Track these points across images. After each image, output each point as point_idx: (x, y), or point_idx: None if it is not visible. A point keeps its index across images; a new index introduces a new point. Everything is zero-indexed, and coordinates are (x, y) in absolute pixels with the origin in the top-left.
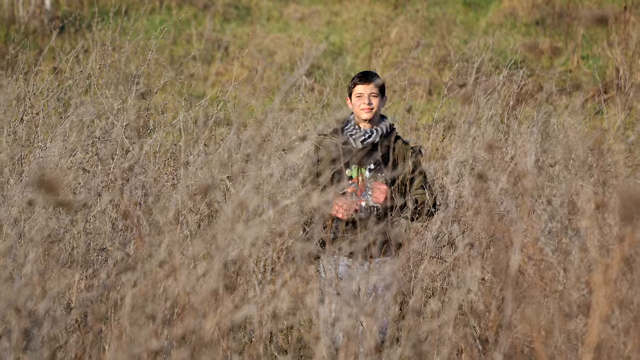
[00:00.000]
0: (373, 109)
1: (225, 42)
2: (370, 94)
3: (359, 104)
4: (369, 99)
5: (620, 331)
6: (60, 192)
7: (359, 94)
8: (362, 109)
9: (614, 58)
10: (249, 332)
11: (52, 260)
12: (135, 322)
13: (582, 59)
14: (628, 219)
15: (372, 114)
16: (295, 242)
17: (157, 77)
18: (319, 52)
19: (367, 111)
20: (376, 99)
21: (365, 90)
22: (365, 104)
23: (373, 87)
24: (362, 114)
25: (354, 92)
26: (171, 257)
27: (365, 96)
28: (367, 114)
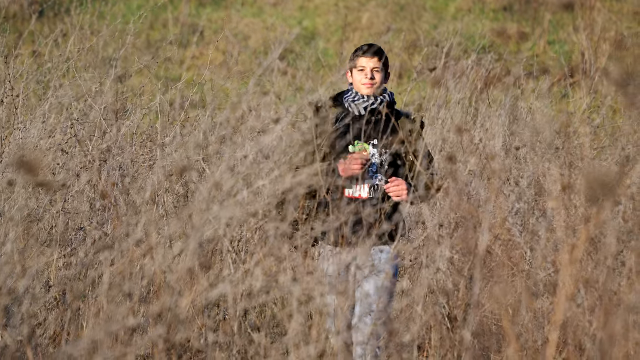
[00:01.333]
0: (375, 84)
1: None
2: (374, 68)
3: (360, 78)
4: (372, 73)
5: (585, 309)
6: (39, 172)
7: (362, 67)
8: (364, 83)
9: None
10: (223, 309)
11: (31, 239)
12: (112, 299)
13: (548, 44)
14: (593, 200)
15: (373, 89)
16: (269, 221)
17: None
18: (292, 36)
19: (368, 86)
20: (379, 74)
21: (369, 63)
22: (368, 78)
23: (377, 61)
24: (362, 88)
25: (357, 65)
26: (148, 236)
27: (368, 70)
28: (368, 89)
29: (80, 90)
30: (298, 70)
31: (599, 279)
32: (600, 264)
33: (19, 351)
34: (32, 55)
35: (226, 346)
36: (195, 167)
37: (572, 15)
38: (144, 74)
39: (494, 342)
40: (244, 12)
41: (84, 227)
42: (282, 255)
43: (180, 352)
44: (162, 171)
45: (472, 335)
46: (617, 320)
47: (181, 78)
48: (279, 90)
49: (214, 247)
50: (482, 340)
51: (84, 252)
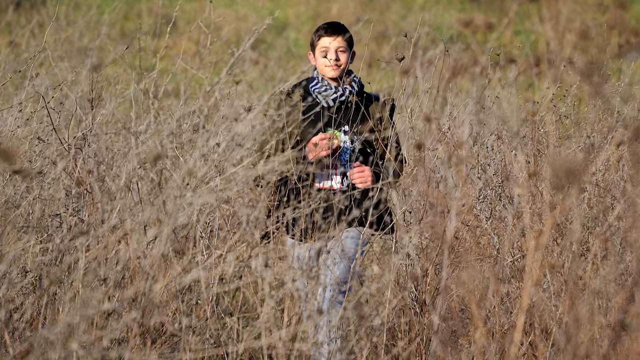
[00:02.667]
0: (340, 65)
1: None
2: (338, 48)
3: (324, 60)
4: (336, 53)
5: (551, 294)
6: (16, 160)
7: (324, 47)
8: (328, 65)
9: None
10: (197, 294)
11: (8, 226)
12: (88, 284)
13: (515, 34)
14: (559, 188)
15: (339, 72)
16: (241, 207)
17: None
18: (264, 27)
19: (333, 68)
20: (344, 54)
21: (332, 43)
22: (332, 59)
23: (341, 41)
24: (327, 71)
25: (319, 46)
26: (122, 222)
27: (332, 51)
28: (333, 72)
29: (57, 80)
30: (270, 60)
31: (564, 265)
32: (566, 249)
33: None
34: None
35: (200, 330)
36: (169, 155)
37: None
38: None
39: (462, 326)
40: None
41: (60, 213)
42: (254, 241)
43: (154, 336)
44: (136, 159)
45: (441, 320)
46: (583, 304)
47: (155, 68)
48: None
49: (187, 233)
50: (450, 325)
51: (60, 238)
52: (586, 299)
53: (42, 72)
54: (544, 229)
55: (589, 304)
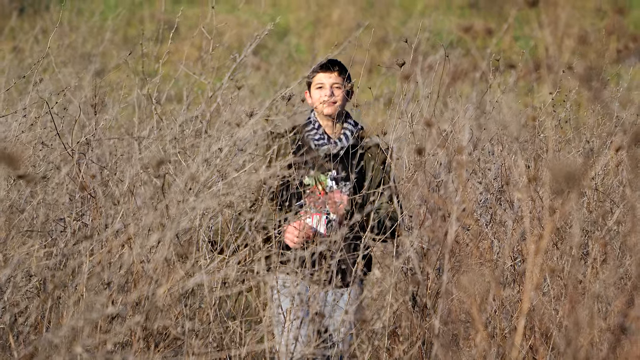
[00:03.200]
0: (336, 102)
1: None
2: (334, 84)
3: (319, 96)
4: (331, 90)
5: (551, 298)
6: (20, 165)
7: (320, 84)
8: (324, 102)
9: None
10: (200, 298)
11: (13, 230)
12: (92, 288)
13: (514, 39)
14: (559, 192)
15: (335, 109)
16: (244, 213)
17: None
18: (265, 32)
19: (328, 105)
20: (339, 90)
21: (328, 80)
22: (327, 95)
23: (337, 77)
24: (322, 108)
25: (314, 83)
26: (126, 227)
27: (327, 87)
28: (328, 108)
29: (60, 85)
30: (271, 65)
31: (564, 269)
32: (566, 253)
33: (1, 338)
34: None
35: (202, 334)
36: (172, 160)
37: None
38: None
39: (463, 330)
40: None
41: (64, 218)
42: (257, 245)
43: (158, 339)
44: (139, 164)
45: (442, 323)
46: (583, 308)
47: (157, 73)
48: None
49: (190, 238)
50: (451, 328)
51: (64, 243)
52: (586, 302)
53: (45, 78)
54: (544, 233)
55: (589, 308)
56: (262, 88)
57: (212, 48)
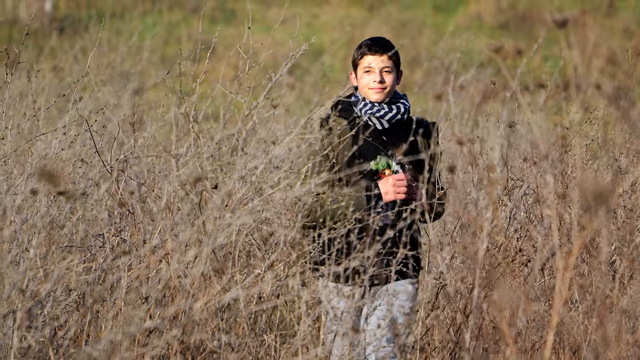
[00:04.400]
0: (386, 88)
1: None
2: (383, 68)
3: (368, 81)
4: (380, 74)
5: (580, 313)
6: (60, 182)
7: (368, 67)
8: (372, 87)
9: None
10: (235, 312)
11: (53, 245)
12: (130, 303)
13: (543, 59)
14: (587, 209)
15: (384, 95)
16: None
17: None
18: (300, 52)
19: (377, 91)
20: (390, 75)
21: (377, 62)
22: (377, 81)
23: (387, 60)
24: (370, 94)
25: (361, 65)
26: (163, 242)
27: (376, 71)
28: (377, 94)
29: (100, 104)
30: (306, 84)
31: (593, 284)
32: (594, 269)
33: (41, 352)
34: (53, 70)
35: (238, 347)
36: (209, 177)
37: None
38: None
39: (493, 344)
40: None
41: (103, 233)
42: (292, 260)
43: (194, 353)
44: (177, 181)
45: (472, 338)
46: (611, 323)
47: (195, 92)
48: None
49: (226, 253)
50: (481, 342)
51: (103, 258)
52: (614, 317)
53: (85, 96)
54: (573, 250)
55: (617, 323)
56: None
57: (248, 68)
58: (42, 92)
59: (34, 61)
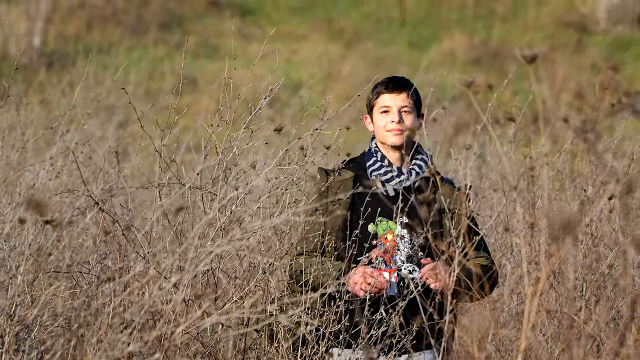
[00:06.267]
0: (405, 130)
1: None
2: (402, 107)
3: (385, 123)
4: (399, 115)
5: (548, 337)
6: (47, 211)
7: (385, 107)
8: (390, 130)
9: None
10: (216, 336)
11: (40, 272)
12: (114, 327)
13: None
14: (555, 238)
15: (403, 138)
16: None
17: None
18: (278, 87)
19: (396, 133)
20: (410, 115)
21: (395, 101)
22: (395, 122)
23: (406, 98)
24: (389, 137)
25: (377, 105)
26: (146, 270)
27: (394, 111)
28: (396, 137)
29: (86, 136)
30: (285, 117)
31: (560, 310)
32: (562, 295)
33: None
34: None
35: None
36: (190, 207)
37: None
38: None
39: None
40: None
41: (88, 261)
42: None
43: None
44: (159, 210)
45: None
46: (577, 347)
47: (177, 124)
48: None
49: (207, 279)
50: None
51: (88, 284)
52: (580, 342)
53: (72, 129)
54: (541, 277)
55: (583, 347)
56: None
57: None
58: (30, 124)
59: (22, 95)
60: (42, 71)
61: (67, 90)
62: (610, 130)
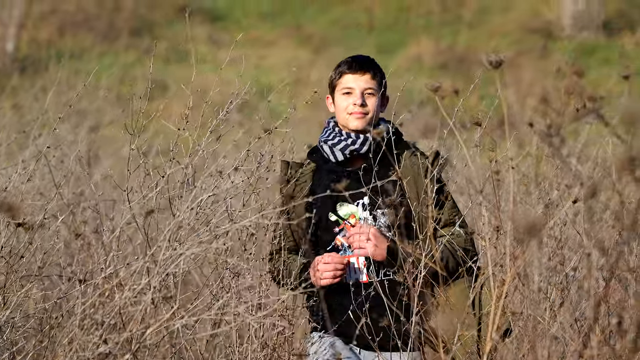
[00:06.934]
0: (367, 113)
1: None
2: (365, 89)
3: (347, 105)
4: (362, 97)
5: (513, 339)
6: (20, 214)
7: (348, 89)
8: (352, 112)
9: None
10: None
11: (12, 274)
12: (84, 329)
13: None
14: (520, 241)
15: (366, 122)
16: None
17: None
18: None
19: (358, 116)
20: (373, 98)
21: (358, 83)
22: (357, 104)
23: (370, 80)
24: (350, 120)
25: (340, 86)
26: (117, 272)
27: (357, 93)
28: (358, 121)
29: (58, 140)
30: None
31: (525, 312)
32: (526, 297)
33: None
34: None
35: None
36: (160, 209)
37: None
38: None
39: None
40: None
41: (59, 263)
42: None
43: None
44: (129, 213)
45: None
46: (541, 348)
47: (147, 129)
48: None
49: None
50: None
51: (60, 286)
52: (545, 343)
53: (44, 133)
54: (506, 279)
55: (547, 348)
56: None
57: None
58: (3, 128)
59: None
60: (15, 76)
61: (39, 94)
62: (574, 135)
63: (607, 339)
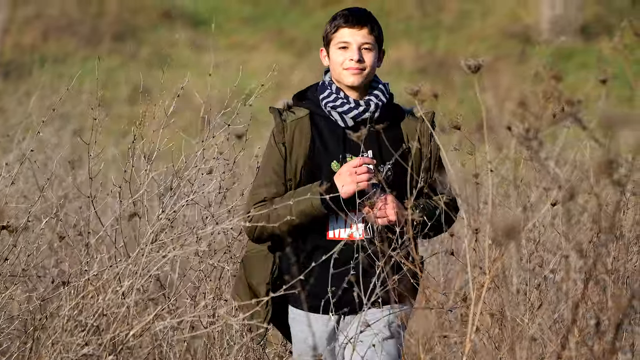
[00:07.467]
0: (365, 69)
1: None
2: (362, 44)
3: (343, 60)
4: (359, 52)
5: (492, 340)
6: (3, 217)
7: (344, 43)
8: (348, 67)
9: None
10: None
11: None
12: (69, 330)
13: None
14: (498, 244)
15: (362, 78)
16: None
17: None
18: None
19: (355, 72)
20: (370, 53)
21: (355, 38)
22: (354, 60)
23: (367, 35)
24: (346, 76)
25: (335, 40)
26: (100, 273)
27: (353, 47)
28: (354, 77)
29: (42, 143)
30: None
31: (504, 313)
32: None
33: None
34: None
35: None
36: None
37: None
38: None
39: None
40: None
41: (43, 265)
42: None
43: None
44: (113, 216)
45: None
46: (520, 349)
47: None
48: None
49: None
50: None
51: (44, 288)
52: (523, 344)
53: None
54: (485, 281)
55: (526, 349)
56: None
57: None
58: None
59: None
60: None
61: (23, 99)
62: (552, 138)
63: (585, 340)
